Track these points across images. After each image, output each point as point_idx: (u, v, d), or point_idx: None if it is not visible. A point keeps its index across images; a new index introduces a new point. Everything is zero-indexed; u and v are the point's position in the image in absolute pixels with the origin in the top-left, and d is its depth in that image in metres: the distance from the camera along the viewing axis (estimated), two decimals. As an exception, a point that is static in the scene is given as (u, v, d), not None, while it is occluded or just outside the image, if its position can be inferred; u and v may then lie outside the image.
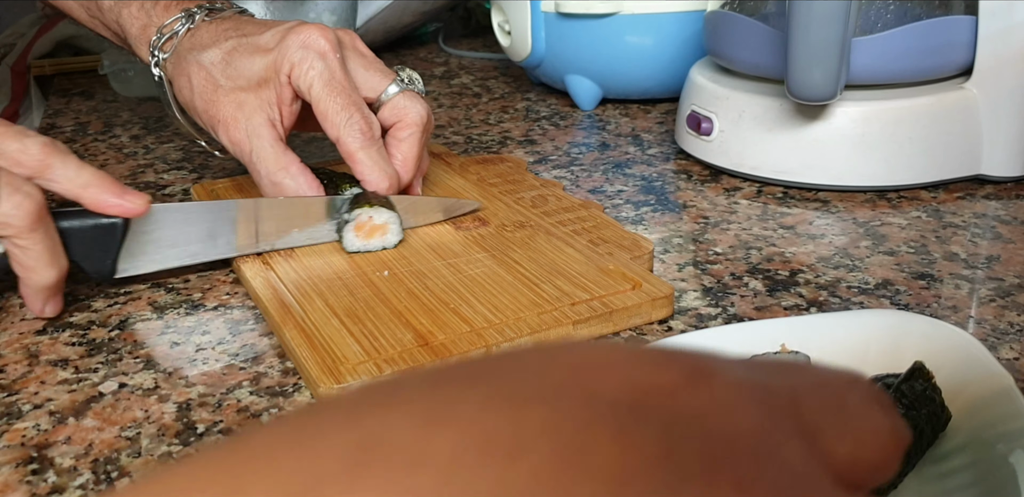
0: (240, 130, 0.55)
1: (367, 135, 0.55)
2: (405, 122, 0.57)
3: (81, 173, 0.47)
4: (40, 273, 0.46)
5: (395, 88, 0.57)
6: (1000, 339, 0.45)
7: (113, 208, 0.48)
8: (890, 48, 0.61)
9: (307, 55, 0.54)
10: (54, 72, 1.12)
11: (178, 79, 0.59)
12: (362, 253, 0.53)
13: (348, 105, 0.54)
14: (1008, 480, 0.30)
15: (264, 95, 0.55)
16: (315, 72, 0.54)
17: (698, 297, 0.51)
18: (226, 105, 0.56)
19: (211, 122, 0.57)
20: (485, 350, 0.43)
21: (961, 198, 0.63)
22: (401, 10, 1.09)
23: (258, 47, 0.56)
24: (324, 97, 0.54)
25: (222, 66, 0.56)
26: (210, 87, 0.56)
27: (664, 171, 0.71)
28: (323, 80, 0.54)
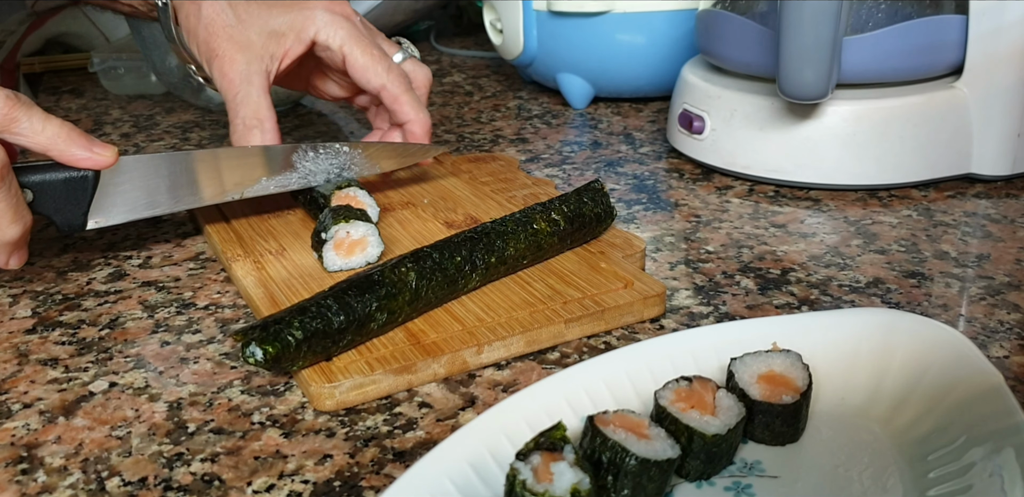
0: (236, 70, 0.57)
1: (406, 80, 0.60)
2: (416, 83, 0.63)
3: (48, 126, 0.47)
4: (4, 228, 0.46)
5: (401, 55, 0.63)
6: (990, 337, 0.45)
7: (82, 161, 0.48)
8: (881, 47, 0.61)
9: (335, 18, 0.58)
10: (44, 70, 1.11)
11: (186, 4, 0.60)
12: (345, 271, 0.51)
13: (383, 57, 0.60)
14: (997, 478, 0.30)
15: (271, 47, 0.58)
16: (344, 32, 0.58)
17: (690, 296, 0.51)
18: (231, 43, 0.58)
19: (209, 54, 0.58)
20: (477, 349, 0.43)
21: (951, 197, 0.63)
22: (393, 8, 1.08)
23: (281, 2, 0.59)
24: (359, 52, 0.58)
25: (240, 7, 0.58)
26: (219, 21, 0.58)
27: (656, 170, 0.71)
28: (354, 37, 0.58)
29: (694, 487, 0.35)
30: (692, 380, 0.37)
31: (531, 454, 0.31)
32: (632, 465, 0.32)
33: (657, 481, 0.33)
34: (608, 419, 0.34)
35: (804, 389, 0.37)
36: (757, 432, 0.37)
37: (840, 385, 0.39)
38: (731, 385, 0.37)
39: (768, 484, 0.35)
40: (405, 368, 0.42)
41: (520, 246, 0.49)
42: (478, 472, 0.33)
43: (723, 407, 0.35)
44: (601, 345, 0.46)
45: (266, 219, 0.59)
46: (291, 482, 0.36)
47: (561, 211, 0.51)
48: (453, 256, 0.46)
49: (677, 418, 0.35)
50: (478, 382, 0.43)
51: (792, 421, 0.36)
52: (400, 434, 0.39)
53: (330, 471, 0.37)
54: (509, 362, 0.45)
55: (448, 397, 0.42)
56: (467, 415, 0.40)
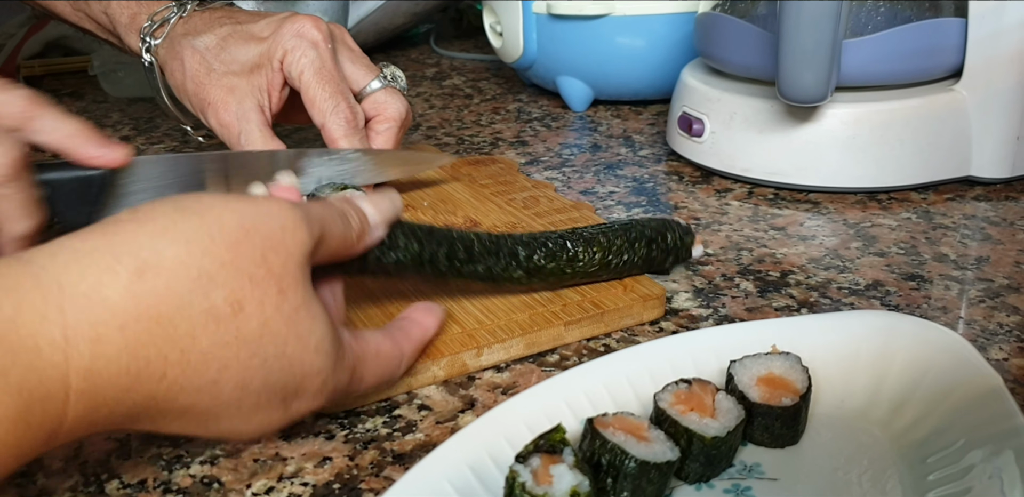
0: (230, 113, 0.57)
1: (351, 123, 0.57)
2: (384, 116, 0.60)
3: (65, 123, 0.48)
4: (17, 222, 0.46)
5: (378, 83, 0.60)
6: (989, 340, 0.45)
7: (96, 158, 0.49)
8: (880, 50, 0.61)
9: (300, 43, 0.56)
10: (44, 73, 1.11)
11: (170, 63, 0.60)
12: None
13: (336, 93, 0.56)
14: (997, 480, 0.30)
15: (256, 81, 0.57)
16: (307, 60, 0.55)
17: (689, 298, 0.51)
18: (218, 89, 0.57)
19: (201, 105, 0.58)
20: (476, 351, 0.43)
21: (951, 199, 0.63)
22: (393, 11, 1.09)
23: (253, 35, 0.58)
24: (314, 84, 0.56)
25: (216, 51, 0.58)
26: (203, 71, 0.58)
27: (655, 172, 0.71)
28: (314, 68, 0.55)
29: (693, 489, 0.35)
30: (691, 382, 0.37)
31: (530, 456, 0.31)
32: (631, 467, 0.32)
33: (656, 483, 0.33)
34: (607, 421, 0.34)
35: (803, 391, 0.37)
36: (756, 434, 0.37)
37: (840, 388, 0.39)
38: (730, 387, 0.37)
39: (767, 487, 0.35)
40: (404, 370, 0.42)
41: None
42: (477, 475, 0.33)
43: (722, 409, 0.35)
44: (601, 347, 0.46)
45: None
46: (290, 484, 0.36)
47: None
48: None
49: (676, 420, 0.35)
50: (477, 384, 0.43)
51: (791, 423, 0.36)
52: (399, 437, 0.39)
53: (329, 473, 0.37)
54: (509, 364, 0.45)
55: (447, 399, 0.42)
56: (466, 417, 0.40)
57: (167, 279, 0.29)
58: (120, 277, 0.28)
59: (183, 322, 0.29)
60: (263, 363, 0.31)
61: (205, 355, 0.29)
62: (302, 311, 0.32)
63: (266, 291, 0.31)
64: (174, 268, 0.29)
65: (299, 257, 0.32)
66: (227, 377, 0.30)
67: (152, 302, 0.28)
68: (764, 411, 0.36)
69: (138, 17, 0.62)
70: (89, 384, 0.27)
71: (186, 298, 0.29)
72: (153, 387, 0.29)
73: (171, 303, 0.29)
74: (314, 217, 0.34)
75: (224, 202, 0.31)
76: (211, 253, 0.30)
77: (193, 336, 0.29)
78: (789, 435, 0.37)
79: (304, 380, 0.33)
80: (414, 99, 0.96)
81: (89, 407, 0.28)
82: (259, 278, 0.31)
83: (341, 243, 0.36)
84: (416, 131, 0.84)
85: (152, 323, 0.28)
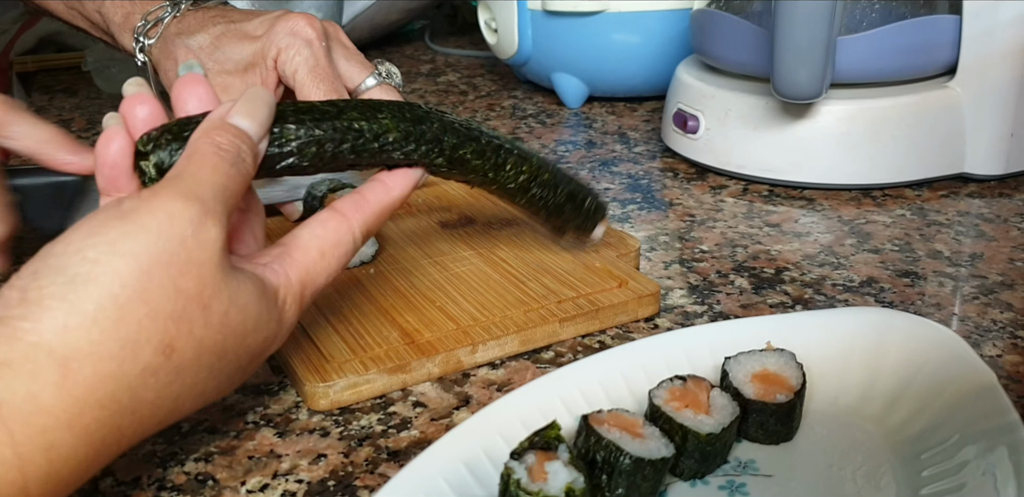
0: None
1: None
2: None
3: (39, 129, 0.47)
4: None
5: (373, 80, 0.59)
6: (983, 336, 0.45)
7: (70, 165, 0.48)
8: (875, 47, 0.61)
9: (294, 41, 0.55)
10: (37, 69, 1.11)
11: (164, 62, 0.59)
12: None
13: (331, 91, 0.56)
14: (990, 476, 0.31)
15: (250, 80, 0.57)
16: (301, 58, 0.55)
17: (684, 295, 0.51)
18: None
19: None
20: (471, 348, 0.43)
21: (945, 196, 0.64)
22: (387, 7, 1.08)
23: (246, 33, 0.57)
24: (308, 83, 0.55)
25: (210, 50, 0.57)
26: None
27: (650, 169, 0.71)
28: (308, 66, 0.55)
29: (688, 486, 0.35)
30: (686, 379, 0.37)
31: (525, 453, 0.31)
32: (626, 464, 0.32)
33: (651, 480, 0.33)
34: (602, 418, 0.34)
35: (798, 388, 0.37)
36: (751, 431, 0.37)
37: (834, 384, 0.39)
38: (725, 384, 0.38)
39: (762, 483, 0.35)
40: (399, 367, 0.42)
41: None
42: (472, 471, 0.33)
43: (717, 406, 0.36)
44: (596, 344, 0.46)
45: (260, 218, 0.59)
46: (285, 482, 0.36)
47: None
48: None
49: (671, 417, 0.35)
50: (472, 381, 0.43)
51: (786, 420, 0.36)
52: (394, 433, 0.39)
53: (324, 471, 0.37)
54: (503, 361, 0.45)
55: (442, 396, 0.42)
56: (461, 414, 0.40)
57: (92, 364, 0.28)
58: (48, 380, 0.27)
59: (124, 393, 0.29)
60: (211, 371, 0.32)
61: (155, 403, 0.30)
62: (231, 310, 0.31)
63: (191, 318, 0.30)
64: (94, 351, 0.28)
65: (213, 258, 0.31)
66: (182, 400, 0.31)
67: (87, 391, 0.28)
68: (759, 407, 0.36)
69: (132, 16, 0.62)
70: (51, 486, 0.27)
71: (118, 372, 0.28)
72: (115, 451, 0.30)
73: (106, 384, 0.28)
74: (211, 196, 0.31)
75: (112, 248, 0.29)
76: (124, 318, 0.28)
77: (138, 399, 0.29)
78: (783, 431, 0.37)
79: (258, 351, 0.34)
80: (409, 96, 0.96)
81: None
82: (179, 311, 0.30)
83: (245, 184, 0.34)
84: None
85: (96, 409, 0.28)
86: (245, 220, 0.37)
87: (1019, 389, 0.41)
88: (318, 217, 0.36)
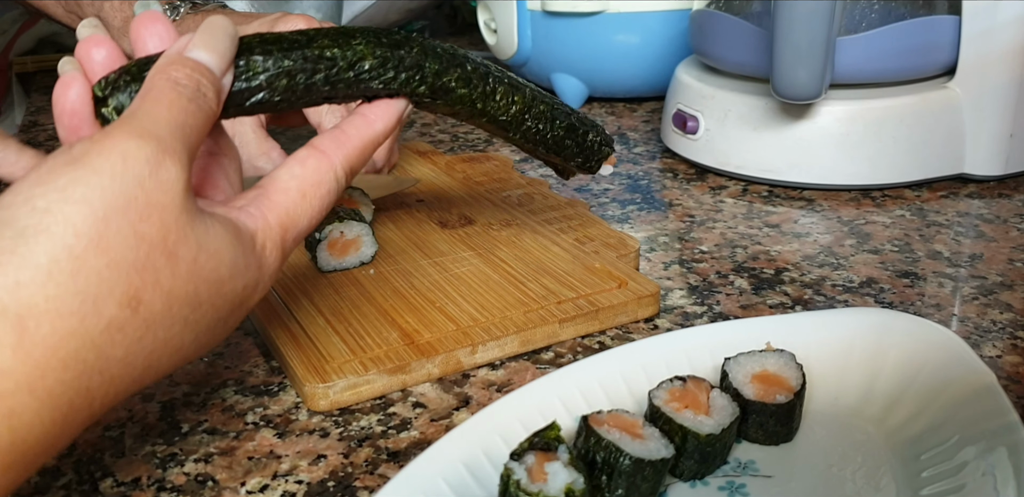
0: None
1: None
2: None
3: (22, 155, 0.47)
4: None
5: None
6: (983, 337, 0.45)
7: None
8: (874, 48, 0.61)
9: None
10: (36, 69, 1.11)
11: None
12: (339, 271, 0.51)
13: None
14: (990, 477, 0.31)
15: None
16: None
17: (684, 295, 0.51)
18: None
19: None
20: (471, 349, 0.43)
21: (944, 197, 0.64)
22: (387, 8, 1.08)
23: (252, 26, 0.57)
24: None
25: None
26: None
27: (650, 170, 0.71)
28: None
29: (688, 487, 0.35)
30: (686, 380, 0.37)
31: (525, 454, 0.31)
32: (626, 465, 0.32)
33: (651, 481, 0.33)
34: (602, 419, 0.34)
35: (798, 389, 0.37)
36: (751, 432, 0.37)
37: (834, 385, 0.39)
38: (725, 385, 0.38)
39: (762, 483, 0.35)
40: (399, 368, 0.42)
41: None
42: (472, 472, 0.33)
43: (717, 407, 0.36)
44: (595, 345, 0.46)
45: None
46: (285, 482, 0.36)
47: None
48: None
49: (671, 418, 0.35)
50: (472, 382, 0.43)
51: (786, 421, 0.36)
52: (394, 434, 0.39)
53: (324, 471, 0.37)
54: (503, 362, 0.45)
55: (442, 397, 0.42)
56: (461, 415, 0.40)
57: (50, 322, 0.26)
58: (3, 341, 0.25)
59: (89, 352, 0.27)
60: (186, 323, 0.29)
61: (125, 361, 0.28)
62: (201, 256, 0.29)
63: (156, 267, 0.28)
64: (51, 307, 0.26)
65: (175, 200, 0.28)
66: (157, 357, 0.29)
67: (47, 351, 0.26)
68: (758, 408, 0.36)
69: (131, 20, 0.62)
70: (17, 455, 0.26)
71: (80, 329, 0.26)
72: (86, 416, 0.28)
73: (68, 343, 0.26)
74: (168, 133, 0.29)
75: (62, 195, 0.26)
76: (81, 270, 0.26)
77: (106, 357, 0.27)
78: (783, 432, 0.37)
79: (238, 301, 0.31)
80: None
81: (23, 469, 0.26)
82: (142, 260, 0.27)
83: (208, 121, 0.31)
84: (411, 128, 0.84)
85: (59, 370, 0.26)
86: (218, 164, 0.34)
87: (1019, 390, 0.41)
88: (296, 156, 0.34)
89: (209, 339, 0.31)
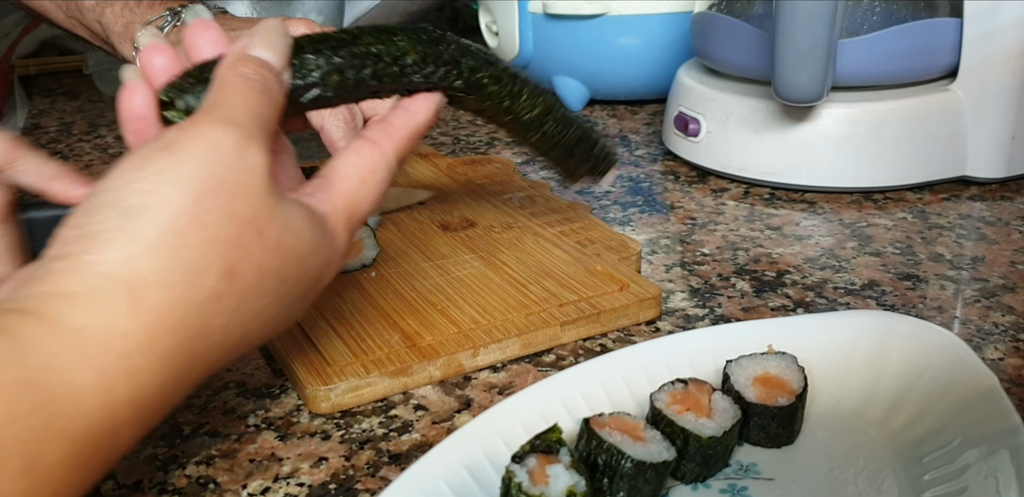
0: None
1: (350, 124, 0.56)
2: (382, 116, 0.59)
3: (48, 165, 0.47)
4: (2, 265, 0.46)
5: None
6: (985, 339, 0.45)
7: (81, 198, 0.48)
8: (876, 50, 0.61)
9: None
10: (38, 72, 1.11)
11: None
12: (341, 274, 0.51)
13: None
14: (992, 480, 0.30)
15: None
16: None
17: (685, 298, 0.51)
18: None
19: None
20: (472, 351, 0.43)
21: (946, 199, 0.64)
22: (389, 10, 1.08)
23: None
24: None
25: None
26: None
27: (651, 172, 0.71)
28: None
29: (690, 489, 0.35)
30: (688, 382, 0.37)
31: (527, 456, 0.31)
32: (628, 467, 0.32)
33: (653, 483, 0.33)
34: (604, 421, 0.34)
35: (799, 391, 0.37)
36: (753, 434, 0.37)
37: (835, 387, 0.39)
38: (727, 387, 0.37)
39: (764, 486, 0.35)
40: (401, 370, 0.42)
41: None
42: (474, 475, 0.33)
43: (719, 409, 0.36)
44: (597, 348, 0.46)
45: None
46: (286, 485, 0.36)
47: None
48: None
49: (673, 420, 0.35)
50: (474, 384, 0.43)
51: (787, 423, 0.36)
52: (395, 437, 0.39)
53: (325, 474, 0.37)
54: (505, 365, 0.45)
55: (444, 400, 0.42)
56: (463, 418, 0.40)
57: (159, 291, 0.28)
58: (120, 307, 0.28)
59: (194, 319, 0.29)
60: (274, 296, 0.32)
61: (224, 329, 0.30)
62: (286, 234, 0.32)
63: (248, 243, 0.30)
64: (158, 279, 0.28)
65: (261, 182, 0.31)
66: (249, 328, 0.31)
67: (160, 317, 0.28)
68: (760, 411, 0.36)
69: (132, 26, 0.62)
70: (137, 412, 0.28)
71: (185, 298, 0.29)
72: (191, 380, 0.30)
73: (175, 310, 0.29)
74: (249, 121, 0.31)
75: (161, 177, 0.29)
76: (183, 245, 0.29)
77: (208, 325, 0.30)
78: (785, 435, 0.37)
79: (316, 276, 0.34)
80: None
81: (140, 427, 0.29)
82: (236, 236, 0.30)
83: (278, 113, 0.34)
84: (412, 131, 0.84)
85: (171, 334, 0.29)
86: (278, 161, 0.36)
87: (1021, 392, 0.41)
88: (352, 146, 0.37)
89: (293, 312, 0.34)
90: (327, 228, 0.34)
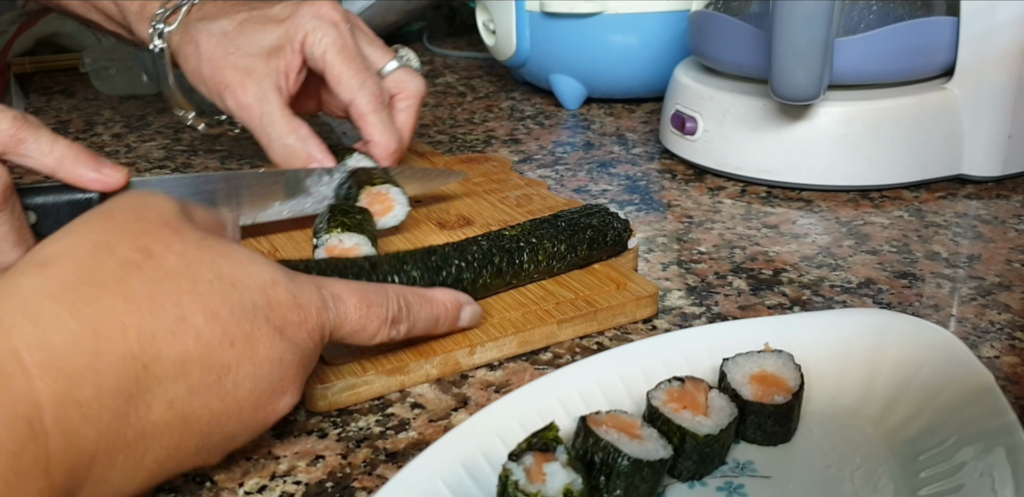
0: (250, 95, 0.57)
1: (379, 98, 0.58)
2: (404, 94, 0.61)
3: (55, 146, 0.46)
4: (6, 252, 0.45)
5: (395, 64, 0.61)
6: (981, 338, 0.45)
7: (91, 182, 0.48)
8: (873, 49, 0.62)
9: (321, 24, 0.56)
10: (35, 70, 1.11)
11: (184, 47, 0.60)
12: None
13: (361, 70, 0.57)
14: (988, 477, 0.31)
15: (274, 63, 0.57)
16: (329, 39, 0.56)
17: (682, 296, 0.51)
18: (236, 71, 0.57)
19: (218, 88, 0.58)
20: (469, 349, 0.43)
21: (943, 198, 0.64)
22: (385, 9, 1.08)
23: (270, 18, 0.58)
24: (339, 62, 0.56)
25: (234, 35, 0.58)
26: (220, 54, 0.58)
27: (648, 170, 0.71)
28: (337, 46, 0.56)
29: (686, 487, 0.35)
30: (684, 380, 0.37)
31: (524, 455, 0.31)
32: (624, 465, 0.32)
33: (649, 481, 0.33)
34: (600, 419, 0.34)
35: (796, 389, 0.37)
36: (749, 432, 0.37)
37: (832, 385, 0.39)
38: (723, 385, 0.38)
39: (760, 484, 0.35)
40: (397, 369, 0.42)
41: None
42: (471, 473, 0.33)
43: (715, 407, 0.36)
44: (594, 346, 0.46)
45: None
46: (283, 483, 0.36)
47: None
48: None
49: (669, 418, 0.35)
50: (471, 383, 0.43)
51: (784, 421, 0.36)
52: (392, 435, 0.39)
53: (322, 472, 0.37)
54: (502, 363, 0.45)
55: (441, 398, 0.42)
56: (460, 416, 0.40)
57: (68, 258, 0.31)
58: (27, 271, 0.30)
59: (107, 276, 0.30)
60: (211, 287, 0.32)
61: (149, 297, 0.30)
62: (208, 238, 0.33)
63: (161, 233, 0.32)
64: (67, 253, 0.31)
65: (169, 206, 0.34)
66: (190, 311, 0.31)
67: (67, 272, 0.30)
68: (757, 409, 0.36)
69: (148, 6, 0.62)
70: (52, 372, 0.28)
71: (94, 261, 0.31)
72: (119, 343, 0.29)
73: (83, 269, 0.30)
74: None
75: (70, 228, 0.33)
76: (91, 233, 0.32)
77: (125, 284, 0.30)
78: (782, 433, 0.37)
79: (266, 293, 0.33)
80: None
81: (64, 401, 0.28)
82: (145, 227, 0.32)
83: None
84: (409, 129, 0.84)
85: (81, 286, 0.30)
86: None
87: (1017, 390, 0.41)
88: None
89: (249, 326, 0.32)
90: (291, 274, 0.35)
